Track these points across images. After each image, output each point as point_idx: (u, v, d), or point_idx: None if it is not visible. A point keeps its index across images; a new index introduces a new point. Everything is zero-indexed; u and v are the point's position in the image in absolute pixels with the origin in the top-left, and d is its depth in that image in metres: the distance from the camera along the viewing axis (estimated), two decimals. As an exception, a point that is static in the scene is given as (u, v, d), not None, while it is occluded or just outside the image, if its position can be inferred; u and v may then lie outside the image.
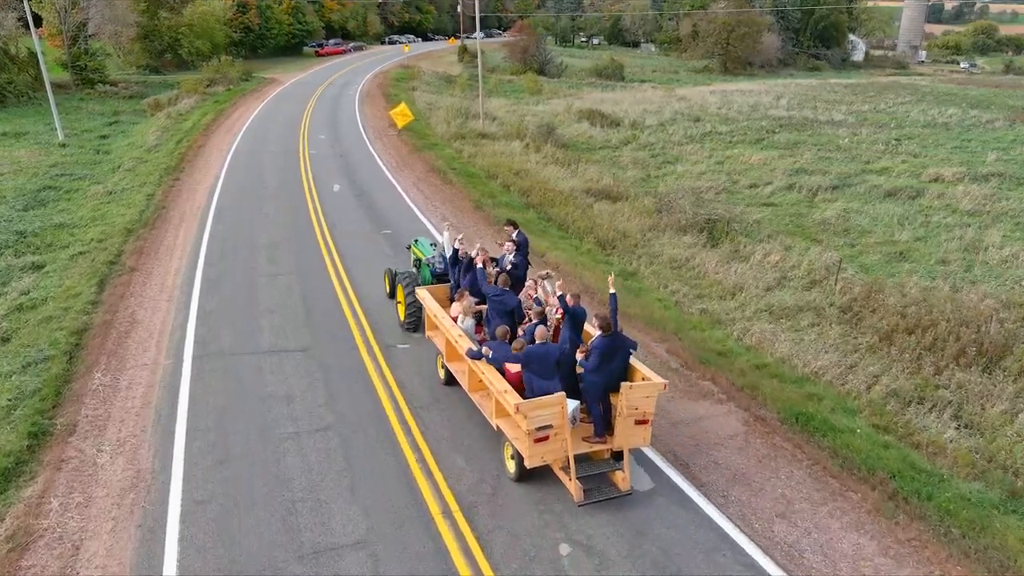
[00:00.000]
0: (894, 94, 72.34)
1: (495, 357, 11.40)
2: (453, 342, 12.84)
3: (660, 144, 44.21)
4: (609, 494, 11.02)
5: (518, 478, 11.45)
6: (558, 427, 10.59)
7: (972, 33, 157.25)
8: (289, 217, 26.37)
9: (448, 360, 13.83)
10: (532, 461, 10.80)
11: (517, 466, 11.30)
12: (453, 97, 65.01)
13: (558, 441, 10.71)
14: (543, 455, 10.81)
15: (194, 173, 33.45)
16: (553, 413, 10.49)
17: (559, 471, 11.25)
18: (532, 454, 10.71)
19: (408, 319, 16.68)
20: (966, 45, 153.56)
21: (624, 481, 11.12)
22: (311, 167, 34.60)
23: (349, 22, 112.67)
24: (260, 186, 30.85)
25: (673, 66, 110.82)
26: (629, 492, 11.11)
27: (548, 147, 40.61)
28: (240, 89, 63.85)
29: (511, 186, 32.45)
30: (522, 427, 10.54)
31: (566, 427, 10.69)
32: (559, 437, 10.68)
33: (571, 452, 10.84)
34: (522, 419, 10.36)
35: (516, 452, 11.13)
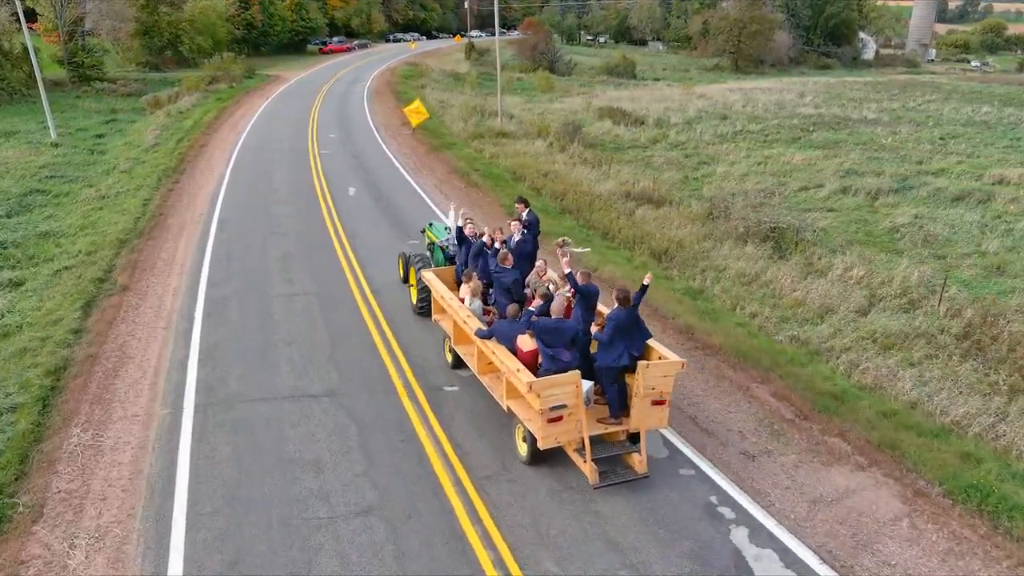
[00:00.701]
0: (918, 92, 69.24)
1: (501, 330, 10.99)
2: (461, 323, 12.28)
3: (692, 143, 41.08)
4: (625, 476, 10.58)
5: (531, 460, 10.90)
6: (573, 407, 10.12)
7: (981, 32, 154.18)
8: (303, 226, 23.25)
9: (456, 343, 13.21)
10: (546, 442, 10.31)
11: (530, 448, 10.76)
12: (464, 95, 61.86)
13: (572, 422, 10.25)
14: (557, 436, 10.34)
15: (195, 175, 30.31)
16: (567, 392, 9.99)
17: (573, 453, 10.71)
18: (546, 435, 10.23)
19: (420, 303, 15.86)
20: (975, 44, 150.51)
21: (641, 464, 10.61)
22: (323, 168, 31.48)
23: (353, 19, 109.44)
24: (268, 190, 27.73)
25: (684, 64, 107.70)
26: (646, 475, 10.59)
27: (575, 146, 37.51)
28: (243, 87, 60.67)
29: (541, 189, 29.38)
30: (535, 406, 10.02)
31: (581, 407, 10.20)
32: (573, 417, 10.21)
33: (586, 433, 10.34)
34: (535, 398, 9.86)
35: (528, 434, 10.63)
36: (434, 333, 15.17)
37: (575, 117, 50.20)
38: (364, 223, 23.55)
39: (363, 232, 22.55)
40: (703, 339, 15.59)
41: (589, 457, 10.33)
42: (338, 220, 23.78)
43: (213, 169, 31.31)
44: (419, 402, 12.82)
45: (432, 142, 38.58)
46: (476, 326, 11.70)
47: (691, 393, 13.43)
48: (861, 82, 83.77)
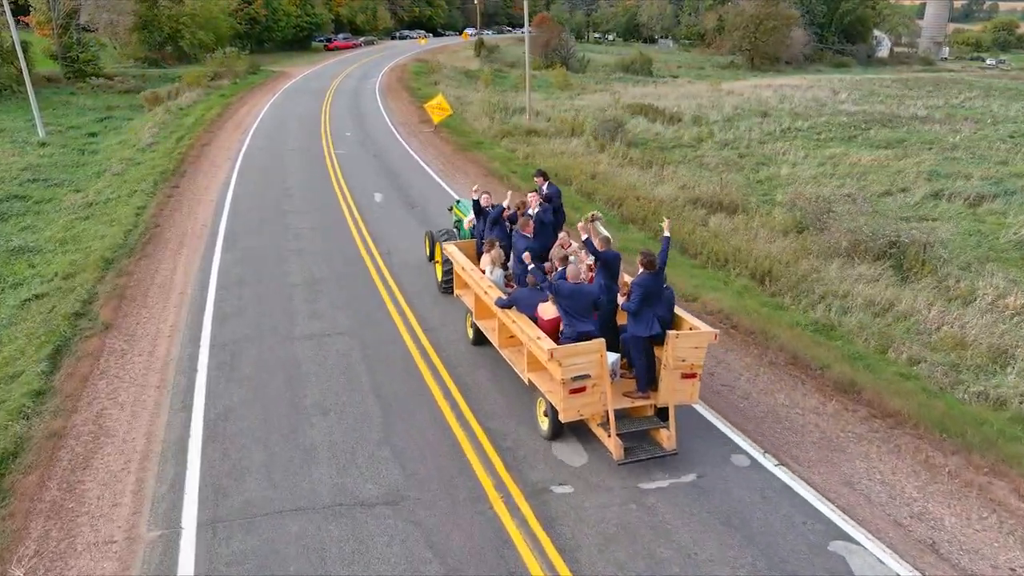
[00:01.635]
0: (954, 89, 65.18)
1: (521, 297, 10.45)
2: (482, 294, 11.67)
3: (741, 142, 36.96)
4: (653, 453, 9.75)
5: (552, 436, 10.19)
6: (596, 377, 9.28)
7: (992, 30, 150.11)
8: (326, 241, 19.14)
9: (478, 317, 12.48)
10: (567, 415, 9.49)
11: (551, 422, 10.05)
12: (480, 92, 57.67)
13: (596, 393, 9.41)
14: (579, 409, 9.51)
15: (197, 178, 26.16)
16: (591, 361, 9.18)
17: (597, 428, 9.87)
18: (568, 407, 9.40)
19: (445, 279, 15.16)
20: (986, 42, 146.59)
21: (669, 440, 9.79)
22: (341, 171, 27.33)
23: (358, 16, 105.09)
24: (282, 195, 23.60)
25: (698, 61, 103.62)
26: (674, 451, 9.79)
27: (617, 145, 33.43)
28: (247, 82, 56.46)
29: (593, 194, 25.31)
30: (556, 376, 9.18)
31: (605, 377, 9.35)
32: (597, 389, 9.37)
33: (611, 406, 9.51)
34: (556, 367, 9.04)
35: (549, 407, 9.90)
36: (522, 402, 11.13)
37: (605, 114, 46.19)
38: (400, 237, 19.42)
39: (401, 249, 18.41)
40: (878, 403, 11.50)
41: (613, 431, 9.53)
42: (368, 234, 19.66)
43: (217, 171, 27.16)
44: (521, 513, 8.73)
45: (458, 141, 34.47)
46: (496, 296, 11.01)
47: (908, 497, 9.36)
48: (888, 79, 79.67)
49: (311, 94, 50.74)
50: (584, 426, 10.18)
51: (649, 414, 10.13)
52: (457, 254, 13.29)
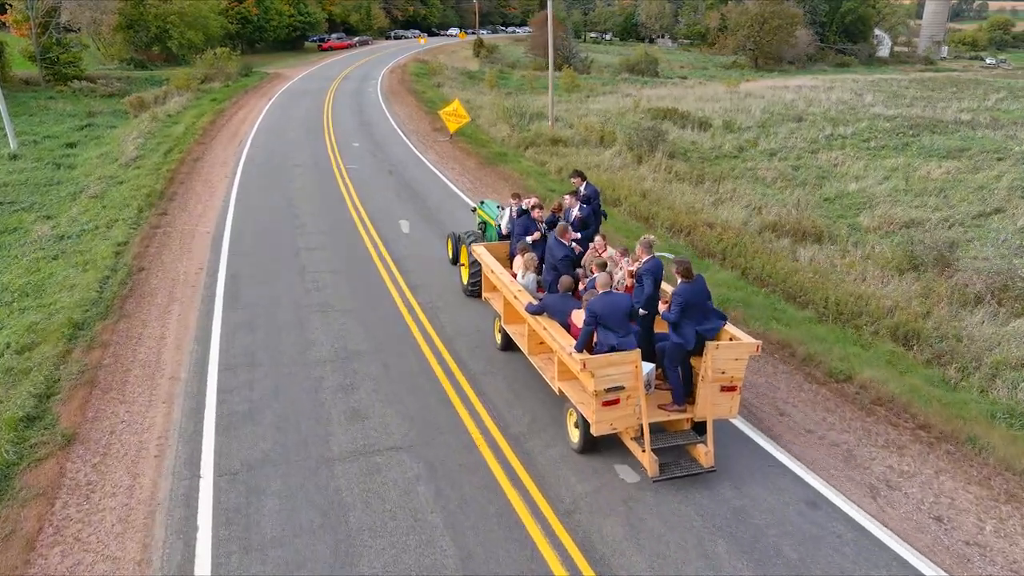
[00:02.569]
0: (979, 90, 61.75)
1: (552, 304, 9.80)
2: (511, 299, 10.89)
3: (790, 152, 33.15)
4: (690, 469, 8.96)
5: (582, 449, 9.40)
6: (631, 389, 8.68)
7: (989, 29, 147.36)
8: (354, 291, 15.16)
9: (506, 322, 11.71)
10: (600, 428, 8.82)
11: (582, 435, 9.29)
12: (487, 95, 53.67)
13: (630, 406, 8.79)
14: (612, 422, 8.84)
15: (189, 203, 22.08)
16: (625, 372, 8.56)
17: (630, 442, 9.09)
18: (600, 420, 8.75)
19: (472, 281, 14.45)
20: (983, 41, 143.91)
21: (707, 456, 8.97)
22: (356, 192, 23.33)
23: (352, 15, 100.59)
24: (291, 227, 19.56)
25: (701, 61, 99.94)
26: (712, 469, 8.96)
27: (658, 157, 29.55)
28: (240, 85, 52.18)
29: (652, 218, 21.44)
30: (589, 388, 8.58)
31: (640, 389, 8.71)
32: (631, 401, 8.76)
33: (646, 419, 8.79)
34: (589, 378, 8.45)
35: (581, 419, 9.20)
36: None
37: (625, 119, 42.36)
38: (443, 285, 15.47)
39: (450, 304, 14.46)
40: None
41: (648, 446, 8.78)
42: (402, 280, 15.70)
43: (212, 194, 23.08)
44: None
45: (479, 152, 30.52)
46: (527, 301, 10.34)
47: None
48: (903, 80, 76.28)
49: (310, 98, 46.56)
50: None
51: (685, 428, 9.46)
52: (486, 256, 12.53)
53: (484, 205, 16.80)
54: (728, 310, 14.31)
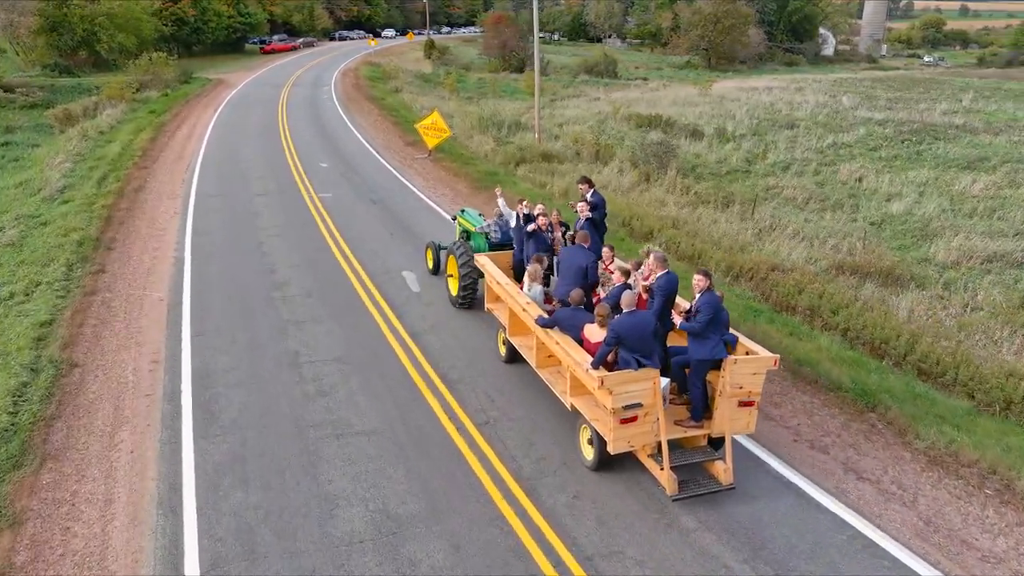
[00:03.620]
0: (946, 89, 60.09)
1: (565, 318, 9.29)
2: (520, 311, 10.39)
3: (805, 165, 29.83)
4: (709, 487, 8.57)
5: (596, 467, 8.99)
6: (649, 406, 8.31)
7: (922, 27, 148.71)
8: (372, 389, 10.96)
9: (512, 334, 11.27)
10: (617, 446, 8.44)
11: (597, 452, 8.89)
12: (450, 100, 49.45)
13: (648, 423, 8.41)
14: (630, 439, 8.45)
15: (133, 253, 17.42)
16: (643, 390, 8.22)
17: (647, 459, 8.74)
18: (617, 437, 8.36)
19: (463, 293, 13.68)
20: (916, 39, 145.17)
21: (727, 473, 8.60)
22: (337, 230, 19.01)
23: (294, 16, 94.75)
24: (268, 286, 15.14)
25: (655, 62, 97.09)
26: (731, 486, 8.57)
27: (670, 175, 25.87)
28: (181, 93, 46.80)
29: (699, 256, 17.69)
30: (607, 405, 8.22)
31: (659, 406, 8.36)
32: (649, 418, 8.39)
33: (664, 437, 8.43)
34: (607, 395, 8.10)
35: (595, 436, 8.80)
36: None
37: (608, 127, 38.73)
38: (503, 394, 11.41)
39: (519, 421, 10.41)
40: None
41: (667, 464, 8.40)
42: (438, 380, 11.56)
43: (162, 239, 18.45)
44: None
45: (466, 171, 26.43)
46: (537, 313, 9.83)
47: None
48: (860, 78, 74.56)
49: (261, 108, 41.61)
50: None
51: (702, 445, 9.00)
52: (491, 266, 12.02)
53: (465, 213, 15.69)
54: (875, 413, 10.68)
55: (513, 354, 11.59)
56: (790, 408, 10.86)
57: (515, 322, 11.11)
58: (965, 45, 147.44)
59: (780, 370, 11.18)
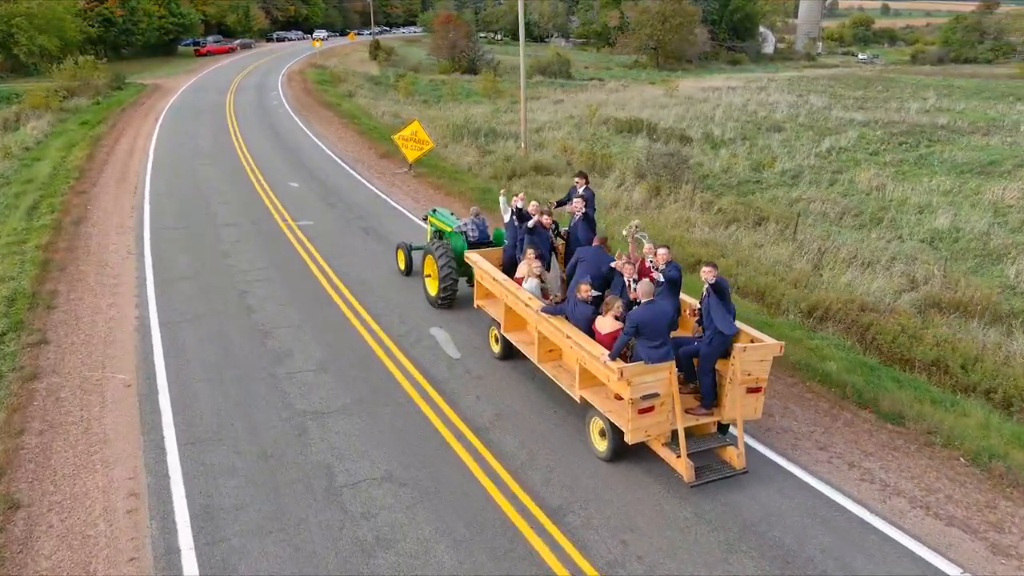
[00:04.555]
0: (906, 88, 59.32)
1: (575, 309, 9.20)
2: (523, 304, 10.26)
3: (819, 173, 27.48)
4: (723, 472, 8.66)
5: (611, 457, 8.94)
6: (665, 396, 8.35)
7: (852, 26, 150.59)
8: (445, 518, 7.77)
9: (508, 330, 11.09)
10: (635, 436, 8.42)
11: (611, 443, 8.85)
12: (409, 105, 45.98)
13: (664, 412, 8.43)
14: (647, 429, 8.45)
15: (82, 314, 13.63)
16: (660, 379, 8.30)
17: (661, 448, 8.72)
18: (635, 427, 8.34)
19: (443, 294, 13.39)
20: (848, 37, 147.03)
21: (740, 458, 8.70)
22: (331, 269, 15.62)
23: (229, 16, 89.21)
24: (269, 360, 11.65)
25: (603, 61, 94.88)
26: (744, 470, 8.67)
27: (687, 189, 23.13)
28: (115, 101, 42.07)
29: (767, 292, 14.95)
30: (625, 396, 8.25)
31: (675, 395, 8.37)
32: (665, 408, 8.41)
33: (681, 424, 8.41)
34: (625, 386, 8.11)
35: (609, 427, 8.77)
36: None
37: (585, 132, 35.95)
38: (601, 498, 8.34)
39: (639, 548, 7.37)
40: None
41: (684, 452, 8.39)
42: (523, 494, 8.44)
43: (117, 289, 14.70)
44: None
45: (456, 189, 23.23)
46: (537, 306, 9.84)
47: None
48: (816, 77, 73.67)
49: (208, 116, 37.41)
50: None
51: (711, 431, 9.04)
52: (484, 263, 11.66)
53: (437, 213, 15.35)
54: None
55: (508, 351, 11.46)
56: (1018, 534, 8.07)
57: (511, 318, 11.00)
58: (892, 43, 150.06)
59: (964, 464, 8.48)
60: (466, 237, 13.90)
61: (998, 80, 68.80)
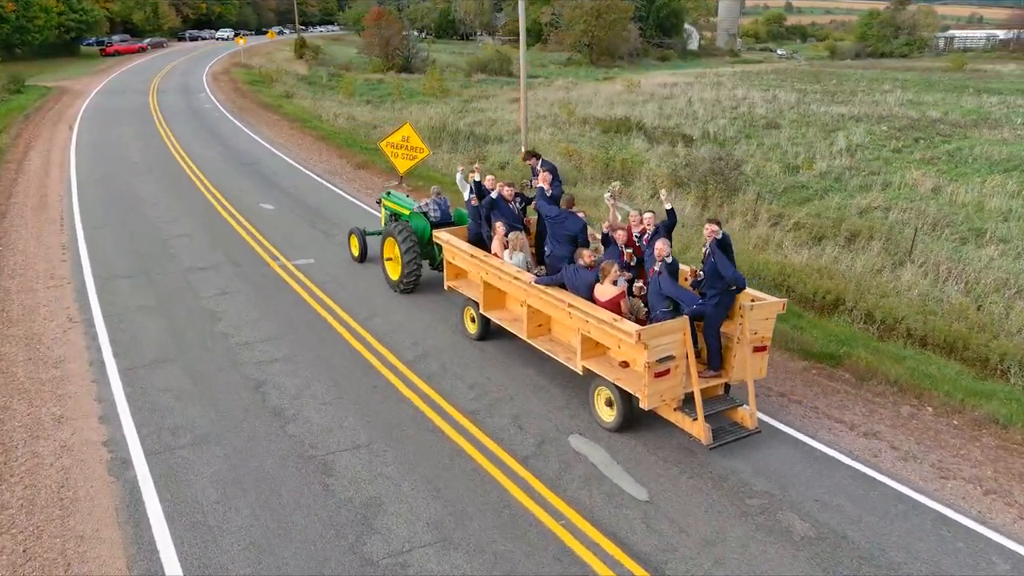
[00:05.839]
0: (859, 82, 57.61)
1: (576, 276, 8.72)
2: (510, 280, 9.72)
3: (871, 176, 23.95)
4: (738, 433, 8.37)
5: (619, 426, 8.56)
6: (679, 358, 7.97)
7: (766, 22, 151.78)
8: None
9: (488, 308, 10.52)
10: (652, 401, 8.01)
11: (621, 412, 8.48)
12: (357, 107, 40.82)
13: (678, 376, 8.05)
14: (663, 393, 8.04)
15: (14, 444, 8.58)
16: (676, 341, 7.89)
17: (673, 413, 8.34)
18: (652, 392, 7.93)
19: (407, 278, 12.53)
20: (763, 33, 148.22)
21: (752, 417, 8.47)
22: (367, 330, 10.95)
23: (135, 13, 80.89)
24: (345, 543, 7.07)
25: (537, 59, 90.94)
26: (758, 430, 8.44)
27: (745, 199, 19.24)
28: (15, 107, 35.24)
29: (966, 345, 11.12)
30: (641, 360, 7.86)
31: (691, 356, 8.01)
32: (679, 371, 8.03)
33: (696, 386, 8.04)
34: (642, 350, 7.71)
35: (619, 395, 8.41)
36: None
37: (570, 134, 31.86)
38: None
39: None
40: None
41: (700, 414, 8.03)
42: None
43: (65, 397, 9.55)
44: None
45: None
46: (528, 279, 9.37)
47: None
48: (760, 72, 71.70)
49: (132, 122, 31.41)
50: None
51: (720, 394, 8.80)
52: (456, 241, 11.01)
53: (391, 195, 14.37)
54: None
55: (484, 330, 10.90)
56: None
57: (491, 295, 10.46)
58: (804, 39, 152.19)
59: None
60: (428, 217, 13.00)
61: (933, 73, 68.37)
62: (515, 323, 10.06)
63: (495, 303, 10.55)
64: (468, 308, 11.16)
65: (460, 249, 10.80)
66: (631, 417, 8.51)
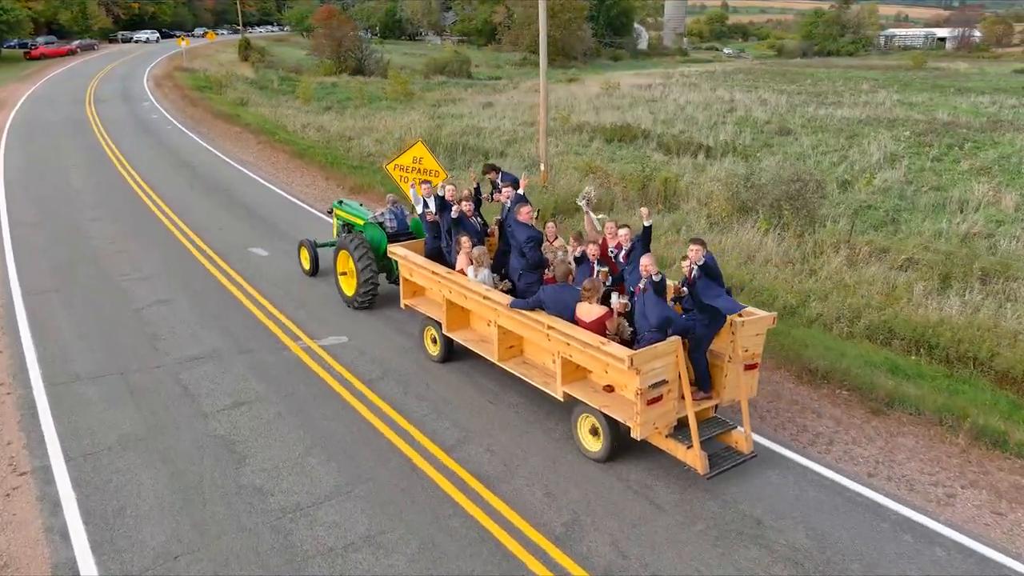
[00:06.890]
0: (835, 81, 55.79)
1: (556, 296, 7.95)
2: (479, 299, 8.78)
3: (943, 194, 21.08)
4: (735, 459, 7.65)
5: (606, 457, 7.78)
6: (672, 382, 7.35)
7: (708, 22, 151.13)
8: None
9: (452, 328, 9.59)
10: (644, 430, 7.30)
11: (607, 440, 7.70)
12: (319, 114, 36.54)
13: (670, 401, 7.39)
14: (655, 420, 7.35)
15: None
16: (668, 364, 7.24)
17: (665, 441, 7.59)
18: (645, 420, 7.24)
19: (363, 295, 11.62)
20: (706, 32, 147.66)
21: (747, 440, 7.77)
22: (494, 495, 7.27)
23: (62, 13, 73.99)
24: None
25: (491, 60, 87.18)
26: (754, 454, 7.80)
27: (836, 229, 16.06)
28: (-74, 121, 29.97)
29: None
30: (632, 386, 7.17)
31: (684, 379, 7.33)
32: (672, 395, 7.37)
33: (691, 411, 7.34)
34: (634, 376, 7.03)
35: (606, 423, 7.64)
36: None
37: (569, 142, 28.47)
38: None
39: None
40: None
41: (696, 441, 7.30)
42: None
43: None
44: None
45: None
46: (501, 298, 8.49)
47: None
48: (724, 72, 69.56)
49: (70, 136, 26.64)
50: None
51: (711, 416, 8.13)
52: (414, 256, 10.07)
53: (344, 205, 13.25)
54: None
55: (447, 352, 9.93)
56: None
57: (455, 315, 9.57)
58: (746, 38, 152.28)
59: None
60: (384, 228, 12.11)
61: (898, 72, 67.37)
62: (483, 344, 9.27)
63: (459, 323, 9.68)
64: (429, 328, 10.19)
65: (419, 265, 9.87)
66: (619, 445, 7.78)
